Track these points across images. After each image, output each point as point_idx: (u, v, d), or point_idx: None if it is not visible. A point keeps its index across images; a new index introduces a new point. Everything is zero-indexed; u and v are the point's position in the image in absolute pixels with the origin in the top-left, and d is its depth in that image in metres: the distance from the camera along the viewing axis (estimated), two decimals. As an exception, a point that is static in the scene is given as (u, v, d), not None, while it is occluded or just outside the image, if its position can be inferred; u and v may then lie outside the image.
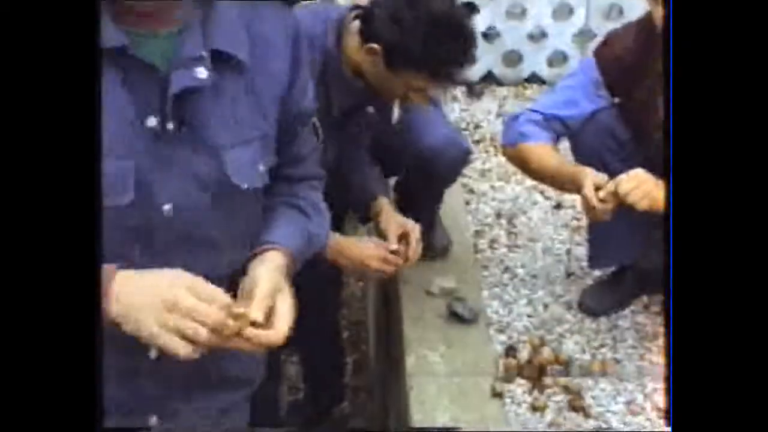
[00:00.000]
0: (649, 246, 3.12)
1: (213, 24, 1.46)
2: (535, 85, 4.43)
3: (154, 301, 1.34)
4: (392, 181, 3.29)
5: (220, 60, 1.46)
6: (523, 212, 3.70)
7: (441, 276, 3.18)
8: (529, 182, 3.56)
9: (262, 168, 1.55)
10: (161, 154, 1.44)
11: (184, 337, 1.35)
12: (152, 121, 1.42)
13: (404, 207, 3.28)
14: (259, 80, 1.52)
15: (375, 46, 2.57)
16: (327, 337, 3.39)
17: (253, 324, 1.42)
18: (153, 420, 1.59)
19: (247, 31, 1.50)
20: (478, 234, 3.56)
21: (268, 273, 1.51)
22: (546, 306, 3.21)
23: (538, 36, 4.48)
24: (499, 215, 3.68)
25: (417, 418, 2.69)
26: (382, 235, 2.91)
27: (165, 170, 1.44)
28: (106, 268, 1.34)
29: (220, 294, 1.39)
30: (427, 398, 2.75)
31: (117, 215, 1.38)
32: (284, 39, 1.55)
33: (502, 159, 3.45)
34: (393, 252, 2.83)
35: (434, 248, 3.28)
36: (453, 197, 3.58)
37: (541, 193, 3.70)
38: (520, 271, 3.37)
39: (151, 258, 1.46)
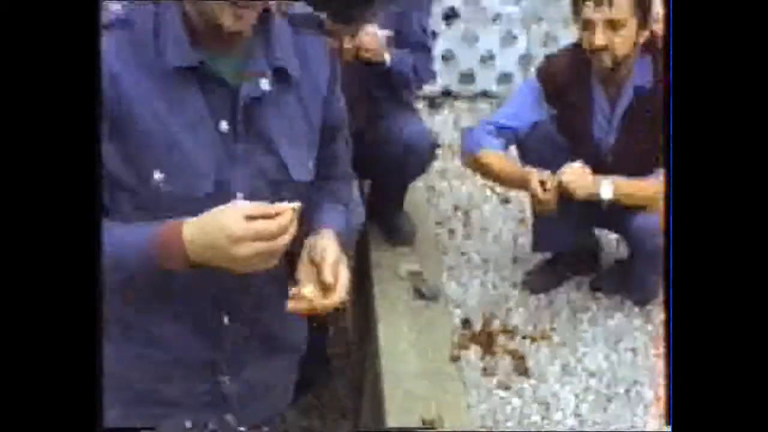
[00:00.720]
0: (581, 235, 3.17)
1: (271, 45, 1.48)
2: (485, 100, 4.44)
3: (221, 239, 1.31)
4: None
5: (277, 74, 1.48)
6: (477, 207, 3.69)
7: (407, 261, 3.18)
8: (482, 181, 3.54)
9: (310, 164, 1.56)
10: (233, 153, 1.45)
11: (260, 256, 1.33)
12: (224, 126, 1.44)
13: (375, 199, 3.30)
14: (305, 91, 1.53)
15: None
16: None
17: (323, 286, 1.43)
18: (226, 380, 1.60)
19: (295, 50, 1.52)
20: (438, 225, 3.54)
21: (332, 245, 1.49)
22: (495, 285, 3.21)
23: (488, 59, 4.47)
24: (456, 209, 3.67)
25: (386, 377, 2.70)
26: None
27: (237, 166, 1.45)
28: (173, 223, 1.36)
29: (272, 208, 1.34)
30: (395, 364, 2.74)
31: (197, 204, 1.38)
32: (323, 57, 1.57)
33: (459, 162, 3.44)
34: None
35: (401, 237, 3.28)
36: (417, 194, 3.57)
37: (492, 190, 3.68)
38: (474, 256, 3.37)
39: None
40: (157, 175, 1.42)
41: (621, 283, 3.16)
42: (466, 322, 3.00)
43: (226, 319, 1.55)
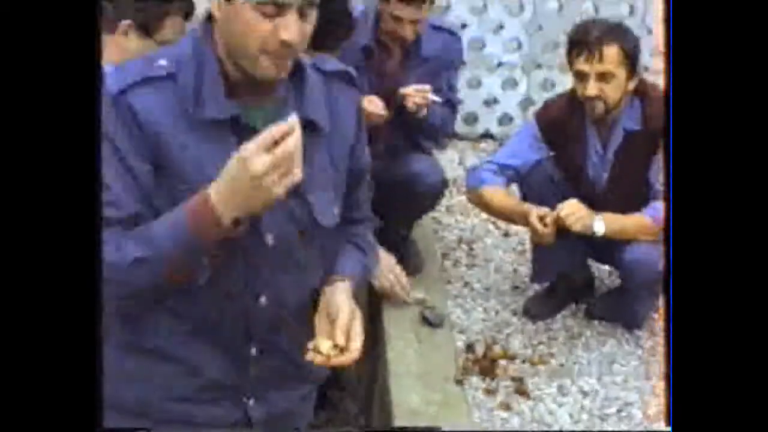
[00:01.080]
0: (576, 267, 3.17)
1: (304, 98, 1.46)
2: (488, 141, 4.46)
3: (244, 187, 1.26)
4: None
5: (308, 126, 1.42)
6: (480, 239, 3.68)
7: (415, 289, 3.15)
8: (484, 216, 3.53)
9: (336, 210, 1.53)
10: None
11: (287, 174, 1.26)
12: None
13: (386, 232, 3.30)
14: (333, 140, 1.51)
15: None
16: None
17: (336, 346, 1.41)
18: (251, 402, 1.57)
19: (326, 102, 1.50)
20: (444, 256, 3.53)
21: (346, 301, 1.48)
22: (497, 312, 3.20)
23: (490, 102, 4.49)
24: (460, 241, 3.66)
25: (395, 396, 2.69)
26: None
27: (267, 213, 1.40)
28: (200, 194, 1.31)
29: (271, 133, 1.26)
30: (404, 384, 2.73)
31: (233, 243, 1.36)
32: (351, 108, 1.55)
33: (463, 198, 3.44)
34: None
35: (410, 267, 3.25)
36: (425, 227, 3.56)
37: (494, 224, 3.67)
38: (476, 285, 3.36)
39: (256, 274, 1.46)
40: None
41: (613, 310, 3.15)
42: (469, 347, 2.99)
43: (254, 350, 1.53)
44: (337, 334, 1.41)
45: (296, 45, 1.36)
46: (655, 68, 4.30)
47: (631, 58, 2.75)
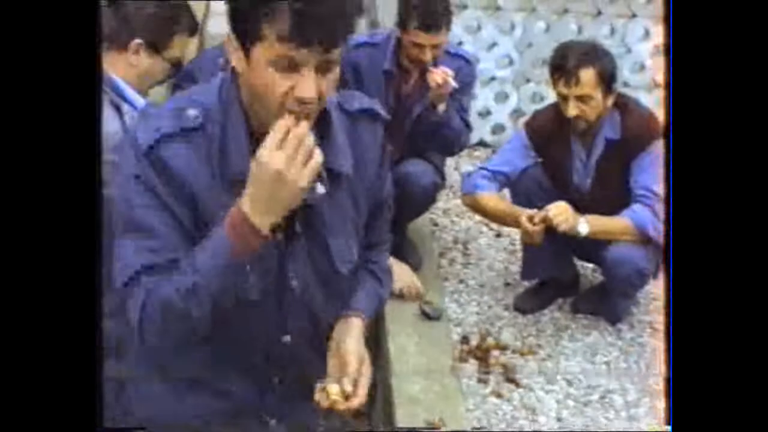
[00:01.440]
0: (562, 265, 3.17)
1: (329, 145, 1.35)
2: (482, 149, 4.47)
3: (271, 188, 1.21)
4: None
5: (332, 175, 1.37)
6: (474, 240, 3.66)
7: None
8: (478, 218, 3.52)
9: (354, 249, 1.45)
10: (288, 249, 1.37)
11: (306, 166, 1.21)
12: (281, 221, 1.32)
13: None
14: (357, 183, 1.43)
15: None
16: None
17: (343, 393, 1.35)
18: (272, 422, 1.51)
19: (350, 143, 1.41)
20: (441, 255, 3.52)
21: (356, 345, 1.42)
22: (490, 307, 3.20)
23: (484, 113, 4.49)
24: (456, 242, 3.64)
25: (396, 384, 2.71)
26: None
27: (293, 260, 1.37)
28: (233, 211, 1.25)
29: (277, 131, 1.21)
30: (404, 374, 2.75)
31: (263, 293, 1.33)
32: (375, 144, 1.46)
33: (459, 201, 3.42)
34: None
35: (409, 266, 3.23)
36: (423, 228, 3.56)
37: (487, 225, 3.66)
38: (471, 282, 3.35)
39: (281, 315, 1.41)
40: None
41: (596, 305, 3.16)
42: (464, 339, 3.01)
43: (276, 380, 1.49)
44: (345, 381, 1.36)
45: (315, 102, 1.27)
46: (634, 84, 4.33)
47: (606, 79, 2.78)
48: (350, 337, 1.44)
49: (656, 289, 3.27)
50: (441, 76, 2.92)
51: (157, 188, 1.29)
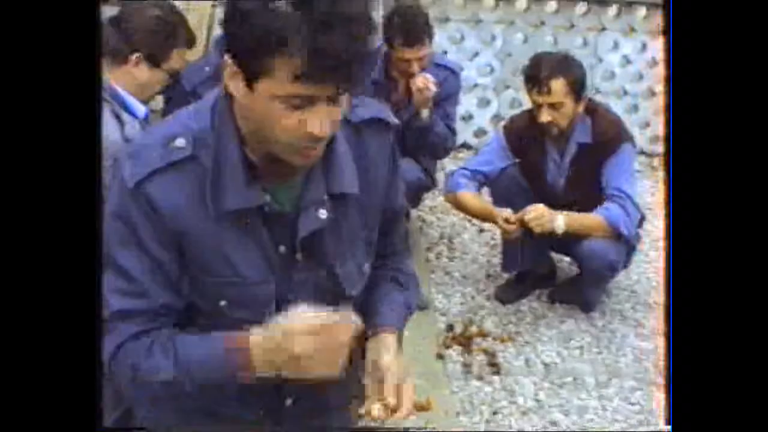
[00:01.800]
0: (540, 258, 3.18)
1: (331, 169, 1.20)
2: (465, 150, 4.48)
3: (283, 358, 1.11)
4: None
5: (337, 199, 1.21)
6: (458, 234, 3.67)
7: None
8: (462, 215, 3.50)
9: (366, 267, 1.29)
10: (293, 276, 1.22)
11: (327, 364, 1.12)
12: (283, 249, 1.20)
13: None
14: (365, 199, 1.25)
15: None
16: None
17: (386, 407, 1.21)
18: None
19: (357, 163, 1.22)
20: (428, 249, 3.53)
21: (393, 360, 1.26)
22: (473, 297, 3.21)
23: (467, 117, 4.51)
24: (441, 237, 3.65)
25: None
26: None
27: (296, 288, 1.22)
28: (239, 336, 1.14)
29: (331, 316, 1.12)
30: None
31: (263, 323, 1.18)
32: (383, 154, 1.28)
33: (443, 199, 3.44)
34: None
35: None
36: (411, 224, 3.53)
37: (470, 222, 3.66)
38: (456, 274, 3.35)
39: None
40: (223, 303, 1.21)
41: (571, 295, 3.18)
42: (449, 327, 3.01)
43: (288, 401, 1.32)
44: (387, 397, 1.22)
45: (327, 137, 1.12)
46: (605, 91, 4.36)
47: (577, 87, 2.80)
48: (386, 354, 1.28)
49: (626, 280, 3.32)
50: (422, 81, 2.95)
51: (139, 230, 1.14)
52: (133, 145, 1.22)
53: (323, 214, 1.20)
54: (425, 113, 3.03)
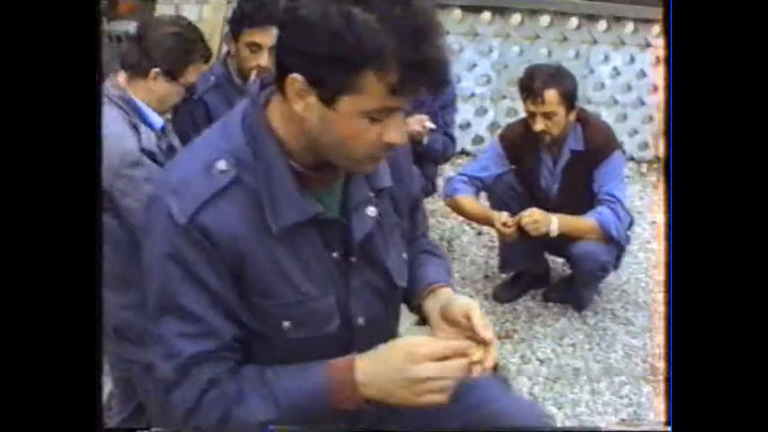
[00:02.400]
0: (535, 259, 3.18)
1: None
2: (464, 157, 4.49)
3: (397, 381, 1.05)
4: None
5: (377, 194, 1.19)
6: (457, 237, 3.69)
7: None
8: (461, 219, 3.54)
9: (406, 255, 1.25)
10: (349, 282, 1.17)
11: (440, 391, 1.05)
12: (336, 255, 1.16)
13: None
14: (395, 189, 1.24)
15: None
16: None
17: (482, 342, 1.11)
18: None
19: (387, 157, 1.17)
20: None
21: (464, 300, 1.18)
22: (471, 297, 3.09)
23: (465, 126, 4.51)
24: (441, 239, 3.64)
25: None
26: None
27: (355, 293, 1.18)
28: (340, 363, 1.08)
29: (450, 345, 1.07)
30: None
31: (328, 338, 1.15)
32: (404, 144, 1.20)
33: (443, 203, 3.46)
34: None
35: None
36: None
37: (468, 225, 3.68)
38: (455, 275, 3.30)
39: (347, 351, 1.14)
40: (286, 324, 1.14)
41: (565, 294, 3.19)
42: (448, 325, 3.03)
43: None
44: (480, 331, 1.11)
45: (403, 144, 1.10)
46: (596, 100, 4.39)
47: (569, 97, 2.82)
48: (454, 301, 1.19)
49: (617, 280, 3.33)
50: (419, 124, 2.96)
51: (196, 266, 1.07)
52: (171, 181, 1.11)
53: (372, 211, 1.17)
54: (424, 140, 3.04)
